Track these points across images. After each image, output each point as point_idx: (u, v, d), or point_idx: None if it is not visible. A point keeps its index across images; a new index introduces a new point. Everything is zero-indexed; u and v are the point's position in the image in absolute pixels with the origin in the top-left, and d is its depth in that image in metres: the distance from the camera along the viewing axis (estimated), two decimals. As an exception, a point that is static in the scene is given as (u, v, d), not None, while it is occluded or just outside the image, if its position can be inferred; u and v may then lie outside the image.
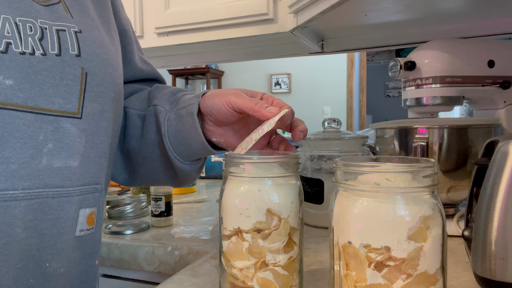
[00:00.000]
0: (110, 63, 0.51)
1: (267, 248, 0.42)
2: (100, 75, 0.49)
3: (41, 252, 0.44)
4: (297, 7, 0.90)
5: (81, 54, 0.46)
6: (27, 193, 0.42)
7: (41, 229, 0.44)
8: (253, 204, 0.41)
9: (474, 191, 0.53)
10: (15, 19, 0.42)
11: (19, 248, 0.42)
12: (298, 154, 0.46)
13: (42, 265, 0.45)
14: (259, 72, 4.74)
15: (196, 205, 1.13)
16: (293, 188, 0.43)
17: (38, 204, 0.43)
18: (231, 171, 0.43)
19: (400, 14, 0.91)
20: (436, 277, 0.35)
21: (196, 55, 1.35)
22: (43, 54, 0.43)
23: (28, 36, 0.42)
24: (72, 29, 0.47)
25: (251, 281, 0.42)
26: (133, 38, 0.66)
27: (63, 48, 0.45)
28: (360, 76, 4.53)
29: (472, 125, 0.73)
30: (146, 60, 0.70)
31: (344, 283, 0.37)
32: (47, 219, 0.44)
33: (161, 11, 1.15)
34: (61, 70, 0.44)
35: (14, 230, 0.41)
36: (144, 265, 0.77)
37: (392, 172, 0.35)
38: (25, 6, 0.43)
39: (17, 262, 0.42)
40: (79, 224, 0.48)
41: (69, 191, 0.46)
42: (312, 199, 0.83)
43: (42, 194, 0.44)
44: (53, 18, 0.45)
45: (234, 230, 0.42)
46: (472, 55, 0.79)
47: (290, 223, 0.42)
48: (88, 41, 0.48)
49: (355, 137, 0.82)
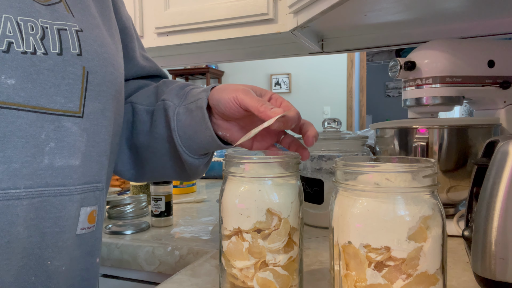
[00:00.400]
0: (111, 62, 0.51)
1: (267, 248, 0.42)
2: (101, 74, 0.49)
3: (43, 250, 0.45)
4: (297, 7, 0.90)
5: (82, 53, 0.46)
6: (29, 192, 0.42)
7: (42, 228, 0.44)
8: (253, 204, 0.41)
9: (474, 191, 0.53)
10: (16, 19, 0.42)
11: (21, 247, 0.43)
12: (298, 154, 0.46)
13: (43, 263, 0.45)
14: (259, 72, 4.74)
15: (196, 205, 1.13)
16: (293, 188, 0.44)
17: (39, 203, 0.43)
18: (231, 171, 0.43)
19: (400, 14, 0.91)
20: (436, 277, 0.35)
21: (196, 55, 1.35)
22: (44, 53, 0.43)
23: (29, 36, 0.42)
24: (73, 28, 0.47)
25: (251, 281, 0.42)
26: (134, 35, 0.66)
27: (64, 47, 0.45)
28: (360, 76, 4.53)
29: (472, 125, 0.73)
30: (148, 57, 0.70)
31: (344, 283, 0.37)
32: (49, 217, 0.45)
33: (161, 11, 1.15)
34: (62, 69, 0.44)
35: (16, 229, 0.42)
36: (144, 265, 0.77)
37: (392, 172, 0.35)
38: (26, 6, 0.43)
39: (19, 260, 0.43)
40: (80, 222, 0.49)
41: (71, 189, 0.46)
42: (312, 199, 0.83)
43: (44, 193, 0.44)
44: (54, 18, 0.45)
45: (234, 230, 0.43)
46: (472, 55, 0.79)
47: (290, 223, 0.42)
48: (89, 40, 0.48)
49: (355, 137, 0.82)
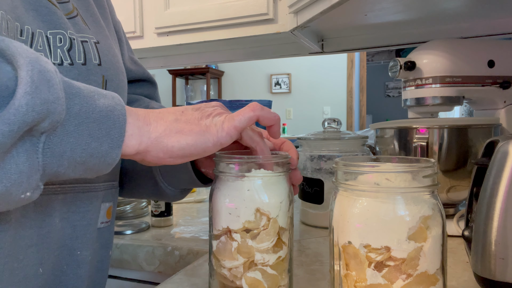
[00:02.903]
0: (121, 70, 0.56)
1: (256, 248, 0.42)
2: (116, 82, 0.53)
3: (73, 241, 0.49)
4: (297, 7, 0.90)
5: (102, 63, 0.51)
6: (62, 188, 0.46)
7: (73, 220, 0.48)
8: (242, 204, 0.41)
9: (474, 191, 0.53)
10: (46, 33, 0.45)
11: (56, 237, 0.46)
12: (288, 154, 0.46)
13: (74, 253, 0.49)
14: (259, 72, 4.74)
15: (196, 205, 1.13)
16: (282, 188, 0.43)
17: (71, 198, 0.48)
18: (221, 171, 0.43)
19: (400, 14, 0.92)
20: (436, 277, 0.35)
21: (196, 55, 1.35)
22: (70, 63, 0.47)
23: (57, 48, 0.46)
24: (92, 40, 0.51)
25: (240, 281, 0.42)
26: (123, 39, 0.67)
27: (88, 58, 0.49)
28: (360, 76, 4.53)
29: (472, 125, 0.73)
30: (137, 61, 0.70)
31: (344, 283, 0.37)
32: (79, 211, 0.49)
33: (161, 11, 1.15)
34: (86, 78, 0.48)
35: (53, 220, 0.46)
36: (144, 265, 0.77)
37: (392, 172, 0.35)
38: (57, 18, 0.47)
39: (55, 250, 0.46)
40: (101, 217, 0.53)
41: (96, 186, 0.51)
42: (312, 199, 0.83)
43: (74, 189, 0.48)
44: (77, 30, 0.49)
45: (223, 229, 0.43)
46: (472, 55, 0.79)
47: (279, 223, 0.42)
48: (105, 51, 0.52)
49: (355, 137, 0.82)
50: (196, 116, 0.41)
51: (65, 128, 0.33)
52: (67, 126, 0.33)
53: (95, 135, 0.34)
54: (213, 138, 0.40)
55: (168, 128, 0.39)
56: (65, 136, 0.33)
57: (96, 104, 0.35)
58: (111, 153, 0.36)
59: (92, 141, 0.34)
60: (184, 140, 0.39)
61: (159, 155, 0.39)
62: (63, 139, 0.33)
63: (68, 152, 0.33)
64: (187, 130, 0.39)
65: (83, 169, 0.36)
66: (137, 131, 0.37)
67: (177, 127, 0.39)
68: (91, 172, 0.37)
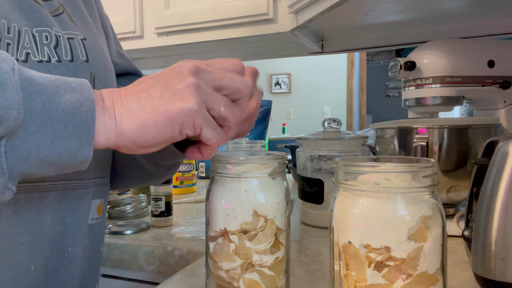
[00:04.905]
0: (109, 67, 0.55)
1: (253, 249, 0.41)
2: (104, 78, 0.53)
3: (64, 238, 0.49)
4: (297, 7, 0.90)
5: (89, 60, 0.51)
6: (54, 185, 0.47)
7: (64, 217, 0.49)
8: (239, 205, 0.41)
9: (474, 191, 0.53)
10: (32, 31, 0.45)
11: (47, 234, 0.47)
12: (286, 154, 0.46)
13: (65, 249, 0.49)
14: (259, 72, 4.74)
15: (196, 205, 1.13)
16: (279, 189, 0.43)
17: (62, 195, 0.48)
18: (217, 172, 0.43)
19: (400, 14, 0.92)
20: (436, 277, 0.35)
21: (196, 55, 1.35)
22: (58, 61, 0.47)
23: (44, 46, 0.46)
24: (78, 36, 0.51)
25: (238, 282, 0.42)
26: (110, 33, 0.67)
27: (75, 55, 0.49)
28: (360, 76, 4.53)
29: (472, 125, 0.73)
30: (124, 54, 0.70)
31: (344, 283, 0.37)
32: (70, 208, 0.49)
33: (161, 11, 1.15)
34: (74, 75, 0.48)
35: (45, 218, 0.46)
36: (144, 265, 0.77)
37: (392, 172, 0.35)
38: (42, 16, 0.47)
39: (46, 247, 0.47)
40: (91, 213, 0.53)
41: (86, 183, 0.51)
42: (312, 199, 0.83)
43: (65, 185, 0.48)
44: (63, 27, 0.49)
45: (220, 231, 0.42)
46: (472, 55, 0.79)
47: (276, 223, 0.42)
48: (92, 47, 0.52)
49: (355, 137, 0.82)
50: (165, 100, 0.36)
51: (26, 129, 0.32)
52: (29, 127, 0.32)
53: (62, 134, 0.33)
54: (179, 128, 0.37)
55: (132, 120, 0.36)
56: (27, 138, 0.32)
57: (60, 101, 0.33)
58: (81, 151, 0.34)
59: (59, 140, 0.33)
60: (150, 134, 0.36)
61: (130, 148, 0.37)
62: (26, 141, 0.32)
63: (34, 152, 0.32)
64: (152, 121, 0.36)
65: (56, 168, 0.35)
66: (103, 127, 0.36)
67: (142, 118, 0.36)
68: (66, 170, 0.36)
